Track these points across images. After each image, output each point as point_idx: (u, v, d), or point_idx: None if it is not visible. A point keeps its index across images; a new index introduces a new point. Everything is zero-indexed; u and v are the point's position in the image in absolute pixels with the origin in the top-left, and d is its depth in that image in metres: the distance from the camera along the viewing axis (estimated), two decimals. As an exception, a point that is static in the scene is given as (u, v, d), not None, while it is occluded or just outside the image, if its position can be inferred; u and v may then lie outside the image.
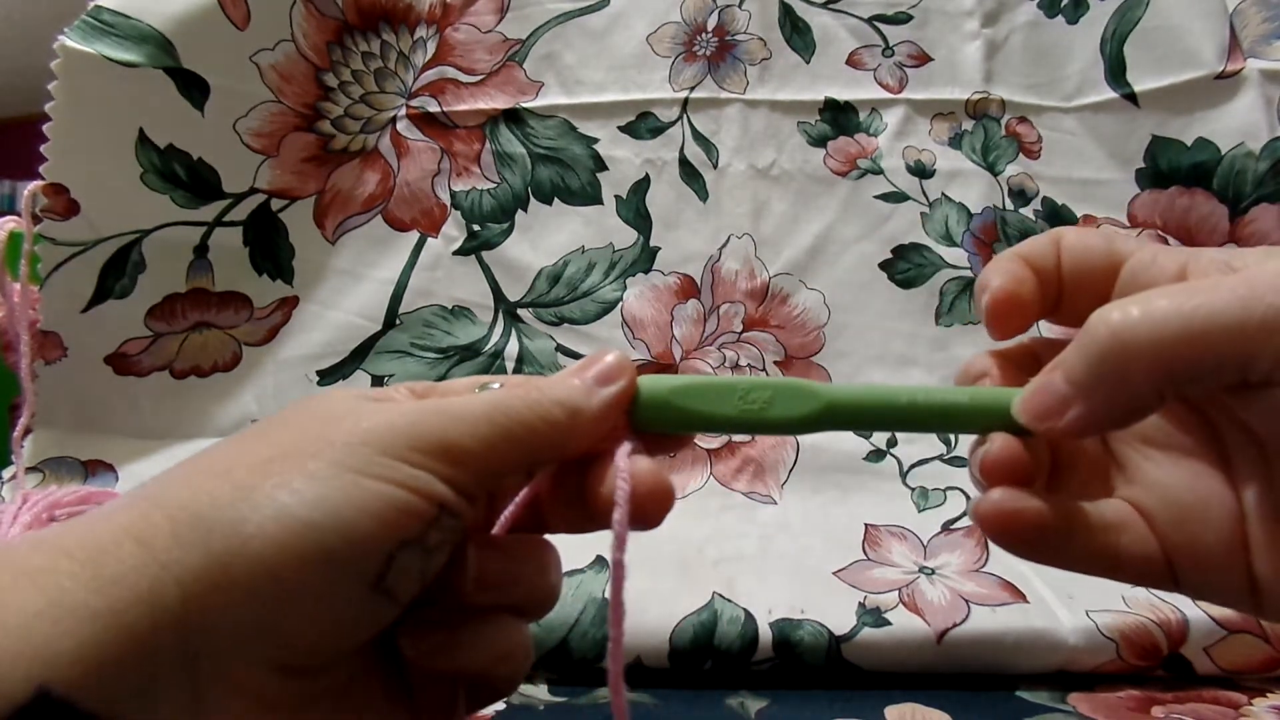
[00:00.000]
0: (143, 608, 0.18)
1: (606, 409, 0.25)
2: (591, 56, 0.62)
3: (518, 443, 0.24)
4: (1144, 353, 0.21)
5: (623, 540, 0.24)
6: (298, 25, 0.58)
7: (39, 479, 0.53)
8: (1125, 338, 0.21)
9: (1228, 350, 0.20)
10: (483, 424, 0.23)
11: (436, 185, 0.61)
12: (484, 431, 0.23)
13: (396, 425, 0.22)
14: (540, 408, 0.24)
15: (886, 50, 0.63)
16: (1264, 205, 0.57)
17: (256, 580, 0.20)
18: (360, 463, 0.21)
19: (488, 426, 0.23)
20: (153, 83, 0.53)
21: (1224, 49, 0.58)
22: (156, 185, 0.55)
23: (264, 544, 0.20)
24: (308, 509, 0.20)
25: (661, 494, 0.25)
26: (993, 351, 0.27)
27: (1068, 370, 0.22)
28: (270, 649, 0.20)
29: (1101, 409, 0.22)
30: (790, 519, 0.53)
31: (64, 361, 0.55)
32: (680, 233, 0.61)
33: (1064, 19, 0.62)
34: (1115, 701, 0.42)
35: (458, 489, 0.23)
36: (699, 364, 0.59)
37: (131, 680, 0.18)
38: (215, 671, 0.19)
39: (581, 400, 0.25)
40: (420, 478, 0.22)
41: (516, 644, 0.26)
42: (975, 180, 0.61)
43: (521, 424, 0.24)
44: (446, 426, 0.23)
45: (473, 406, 0.23)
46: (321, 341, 0.59)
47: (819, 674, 0.44)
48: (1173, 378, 0.21)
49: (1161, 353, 0.21)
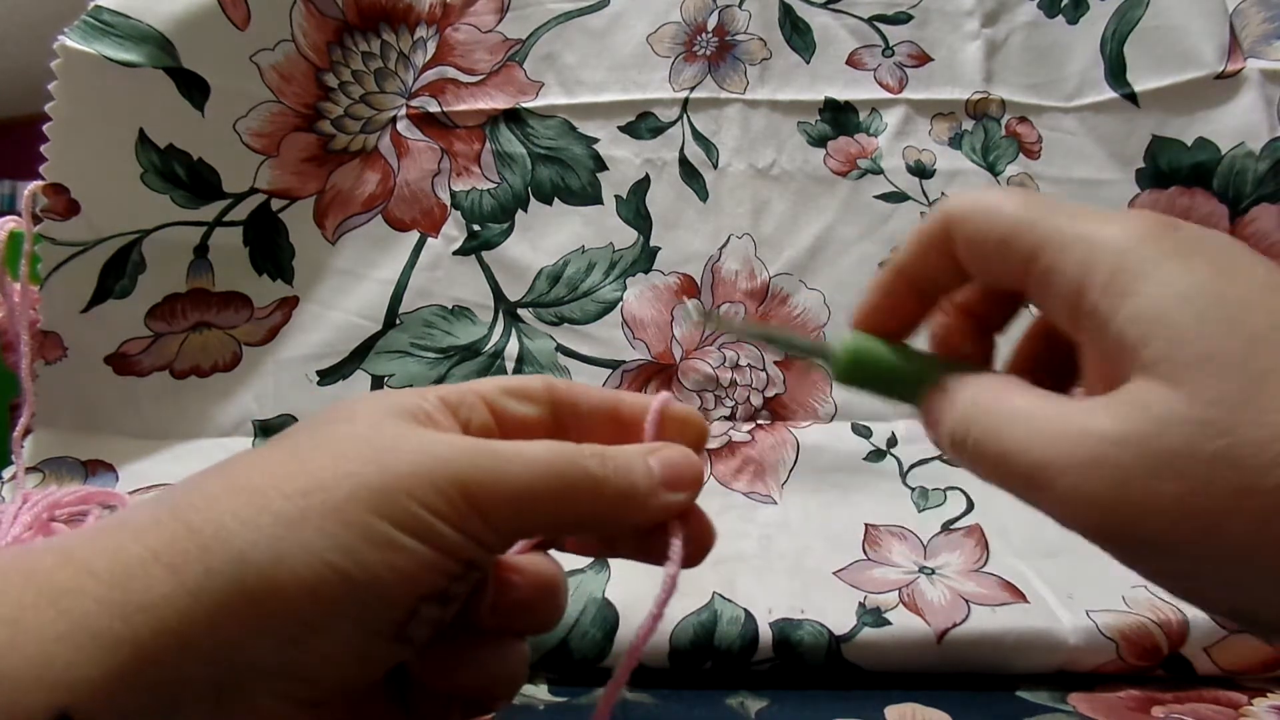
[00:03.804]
0: (169, 638, 0.18)
1: (665, 514, 0.24)
2: (591, 56, 0.62)
3: (564, 512, 0.23)
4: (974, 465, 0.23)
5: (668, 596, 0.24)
6: (298, 25, 0.58)
7: (39, 479, 0.53)
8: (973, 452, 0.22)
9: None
10: (535, 485, 0.22)
11: (436, 185, 0.61)
12: (534, 493, 0.22)
13: (437, 476, 0.21)
14: (601, 486, 0.23)
15: (886, 50, 0.63)
16: (1264, 205, 0.57)
17: (286, 622, 0.19)
18: (399, 515, 0.20)
19: (540, 489, 0.22)
20: (153, 83, 0.53)
21: (1224, 49, 0.58)
22: (156, 185, 0.55)
23: (297, 588, 0.19)
24: (343, 558, 0.20)
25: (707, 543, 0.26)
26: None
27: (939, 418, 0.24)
28: (293, 685, 0.20)
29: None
30: (790, 519, 0.53)
31: (64, 361, 0.55)
32: (680, 233, 0.61)
33: (1064, 19, 0.62)
34: (1115, 701, 0.42)
35: (490, 548, 0.22)
36: (699, 364, 0.59)
37: (154, 710, 0.18)
38: (238, 704, 0.19)
39: (645, 494, 0.23)
40: (454, 540, 0.21)
41: (518, 663, 0.26)
42: (975, 180, 0.61)
43: (574, 497, 0.22)
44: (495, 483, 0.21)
45: (529, 463, 0.22)
46: (321, 341, 0.59)
47: (819, 674, 0.44)
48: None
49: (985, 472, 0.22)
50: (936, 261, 0.25)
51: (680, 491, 0.24)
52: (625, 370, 0.59)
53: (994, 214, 0.23)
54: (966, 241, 0.24)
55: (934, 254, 0.25)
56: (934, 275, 0.25)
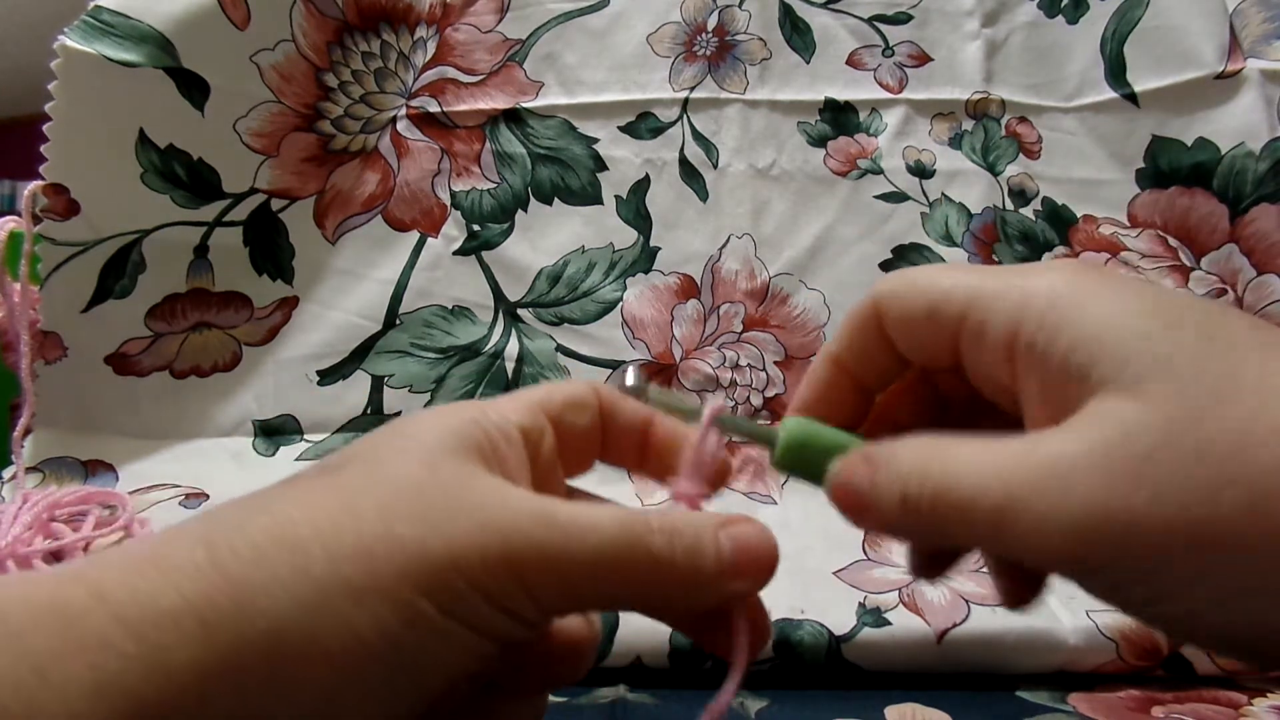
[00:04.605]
0: (194, 700, 0.18)
1: (727, 598, 0.22)
2: (591, 56, 0.62)
3: (620, 594, 0.21)
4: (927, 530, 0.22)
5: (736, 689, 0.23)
6: (298, 25, 0.58)
7: (39, 479, 0.53)
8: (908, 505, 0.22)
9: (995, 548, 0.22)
10: (596, 569, 0.20)
11: (436, 185, 0.61)
12: (593, 576, 0.20)
13: (490, 552, 0.19)
14: (665, 570, 0.21)
15: (886, 50, 0.63)
16: (1264, 205, 0.57)
17: (314, 695, 0.19)
18: (445, 596, 0.19)
19: (600, 573, 0.20)
20: (153, 83, 0.53)
21: (1224, 49, 0.58)
22: (156, 185, 0.55)
23: (330, 666, 0.18)
24: (382, 642, 0.19)
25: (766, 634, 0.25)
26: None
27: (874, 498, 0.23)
28: None
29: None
30: (790, 519, 0.53)
31: (64, 361, 0.55)
32: (680, 233, 0.61)
33: (1064, 19, 0.62)
34: (1115, 701, 0.42)
35: (533, 627, 0.21)
36: (699, 364, 0.59)
37: None
38: None
39: (711, 579, 0.21)
40: (499, 624, 0.20)
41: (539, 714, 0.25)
42: (975, 180, 0.61)
43: (634, 579, 0.21)
44: (554, 564, 0.20)
45: (593, 545, 0.20)
46: (321, 341, 0.59)
47: (819, 674, 0.44)
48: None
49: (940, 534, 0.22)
50: (870, 345, 0.25)
51: (751, 578, 0.22)
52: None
53: (920, 285, 0.24)
54: (898, 316, 0.24)
55: (867, 337, 0.25)
56: (869, 360, 0.25)
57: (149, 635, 0.18)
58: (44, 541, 0.46)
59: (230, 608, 0.18)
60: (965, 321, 0.23)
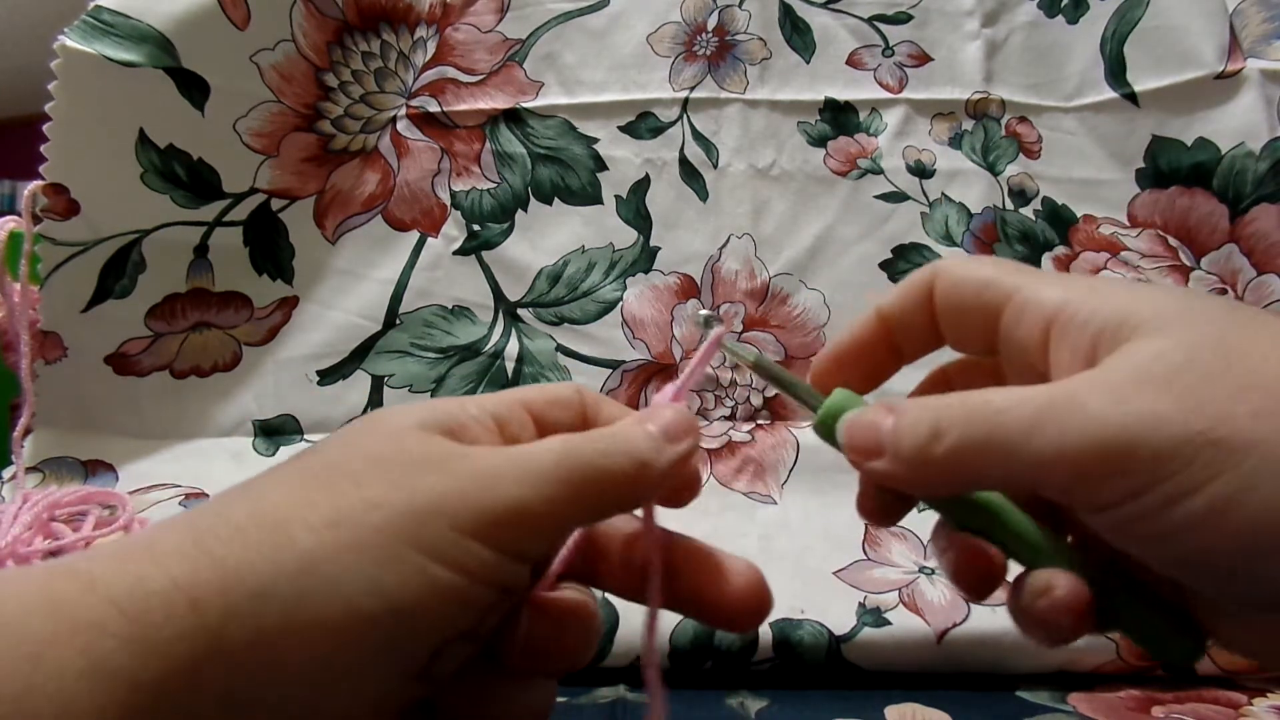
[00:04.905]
0: (186, 678, 0.18)
1: (674, 467, 0.24)
2: (591, 56, 0.62)
3: (587, 499, 0.23)
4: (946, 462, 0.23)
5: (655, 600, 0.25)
6: (298, 25, 0.58)
7: (39, 479, 0.53)
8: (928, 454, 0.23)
9: (1016, 473, 0.22)
10: (554, 482, 0.22)
11: (436, 185, 0.61)
12: (556, 491, 0.22)
13: (469, 495, 0.21)
14: (612, 460, 0.23)
15: (886, 50, 0.63)
16: (1264, 205, 0.57)
17: (306, 664, 0.19)
18: (431, 540, 0.20)
19: (559, 485, 0.22)
20: (153, 83, 0.53)
21: (1224, 49, 0.58)
22: (156, 185, 0.55)
23: (321, 631, 0.19)
24: (371, 600, 0.19)
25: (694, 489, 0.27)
26: None
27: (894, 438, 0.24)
28: None
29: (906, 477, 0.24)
30: (790, 519, 0.53)
31: (64, 361, 0.55)
32: (680, 233, 0.61)
33: (1064, 19, 0.62)
34: (1115, 701, 0.42)
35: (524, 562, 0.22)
36: (699, 364, 0.59)
37: None
38: None
39: (652, 456, 0.23)
40: (490, 562, 0.21)
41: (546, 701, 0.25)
42: (975, 180, 0.61)
43: (592, 479, 0.22)
44: (522, 493, 0.21)
45: (543, 461, 0.22)
46: (321, 341, 0.59)
47: (819, 674, 0.44)
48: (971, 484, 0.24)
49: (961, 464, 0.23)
50: (916, 311, 0.27)
51: (682, 440, 0.24)
52: (625, 370, 0.59)
53: (978, 266, 0.27)
54: (951, 283, 0.26)
55: (917, 301, 0.27)
56: (909, 324, 0.28)
57: (140, 617, 0.18)
58: (44, 541, 0.47)
59: (218, 585, 0.19)
60: (1012, 299, 0.25)
